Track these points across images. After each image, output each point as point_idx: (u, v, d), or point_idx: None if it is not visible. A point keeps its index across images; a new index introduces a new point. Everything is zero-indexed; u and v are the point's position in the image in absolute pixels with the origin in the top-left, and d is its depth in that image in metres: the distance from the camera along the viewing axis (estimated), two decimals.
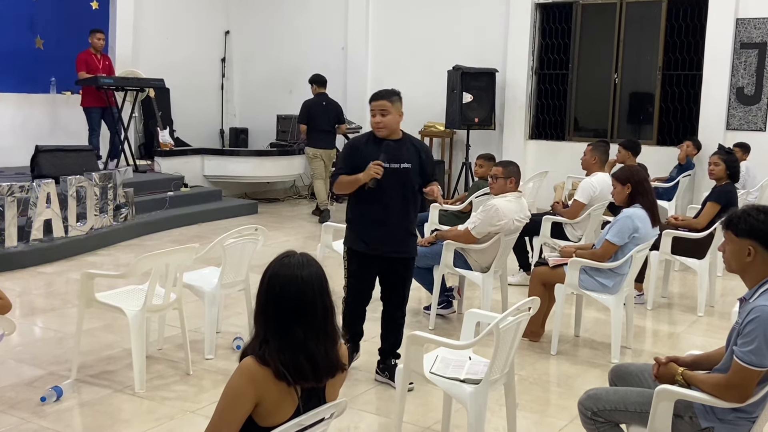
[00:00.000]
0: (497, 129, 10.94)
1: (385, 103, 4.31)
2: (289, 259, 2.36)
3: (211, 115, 12.96)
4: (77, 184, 7.68)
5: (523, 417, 4.02)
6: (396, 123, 4.36)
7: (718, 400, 2.82)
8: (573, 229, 6.62)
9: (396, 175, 4.33)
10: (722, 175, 6.36)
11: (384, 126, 4.33)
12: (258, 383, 2.26)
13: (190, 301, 5.11)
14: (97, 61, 9.78)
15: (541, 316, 5.24)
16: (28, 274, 6.81)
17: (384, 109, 4.30)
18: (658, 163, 9.46)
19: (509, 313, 3.31)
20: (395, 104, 4.33)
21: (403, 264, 4.47)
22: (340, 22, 12.19)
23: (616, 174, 5.18)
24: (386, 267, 4.45)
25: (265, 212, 10.54)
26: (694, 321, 6.02)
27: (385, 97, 4.33)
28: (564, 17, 10.83)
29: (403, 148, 4.38)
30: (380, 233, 4.38)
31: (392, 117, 4.32)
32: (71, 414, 4.03)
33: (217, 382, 4.42)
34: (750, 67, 9.57)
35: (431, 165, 4.52)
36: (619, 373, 3.32)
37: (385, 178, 4.29)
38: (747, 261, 2.86)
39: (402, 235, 4.43)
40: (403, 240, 4.44)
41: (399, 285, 4.51)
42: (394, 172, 4.32)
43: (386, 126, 4.33)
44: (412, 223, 4.51)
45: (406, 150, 4.39)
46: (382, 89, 4.44)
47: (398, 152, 4.34)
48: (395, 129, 4.38)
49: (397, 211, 4.38)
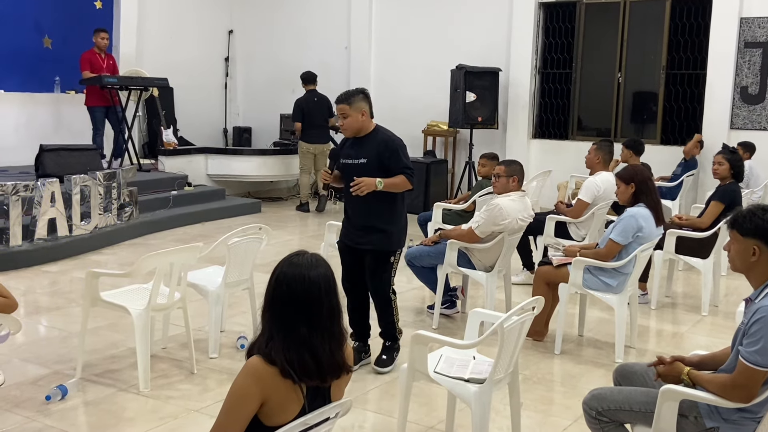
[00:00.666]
0: (500, 128, 10.93)
1: (344, 107, 4.52)
2: (298, 258, 2.39)
3: (214, 114, 12.97)
4: (81, 183, 7.70)
5: (527, 416, 4.02)
6: (358, 123, 4.53)
7: (723, 400, 2.82)
8: (577, 228, 6.61)
9: (353, 171, 4.55)
10: (726, 174, 6.35)
11: (346, 128, 4.56)
12: (264, 383, 2.27)
13: (195, 300, 5.12)
14: (101, 61, 9.79)
15: (544, 315, 5.24)
16: (32, 273, 6.83)
17: (343, 113, 4.51)
18: (662, 163, 9.44)
19: (513, 313, 3.31)
20: (354, 105, 4.49)
21: (370, 255, 4.64)
22: (343, 21, 12.19)
23: (620, 173, 5.18)
24: (357, 257, 4.69)
25: (268, 211, 10.55)
26: (698, 320, 6.01)
27: (344, 100, 4.51)
28: (567, 16, 10.82)
29: (364, 145, 4.56)
30: (346, 225, 4.76)
31: (352, 119, 4.51)
32: (76, 413, 4.04)
33: (222, 381, 4.43)
34: (754, 66, 9.55)
35: (392, 157, 4.52)
36: (623, 373, 3.32)
37: (346, 175, 4.62)
38: (752, 260, 2.86)
39: (363, 228, 4.60)
40: (364, 233, 4.60)
41: (369, 275, 4.68)
42: (352, 167, 4.57)
43: (348, 128, 4.55)
44: (380, 216, 4.56)
45: (367, 146, 4.55)
46: (344, 92, 4.60)
47: (357, 149, 4.58)
48: (359, 128, 4.55)
49: (356, 205, 4.59)
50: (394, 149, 4.54)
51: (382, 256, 4.63)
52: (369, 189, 4.41)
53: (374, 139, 4.56)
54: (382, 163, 4.51)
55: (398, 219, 4.66)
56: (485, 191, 6.89)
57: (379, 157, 4.50)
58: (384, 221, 4.58)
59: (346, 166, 4.63)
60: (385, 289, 4.69)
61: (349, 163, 4.60)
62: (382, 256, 4.63)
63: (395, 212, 4.63)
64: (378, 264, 4.64)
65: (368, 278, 4.69)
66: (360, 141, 4.58)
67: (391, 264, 4.67)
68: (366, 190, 4.41)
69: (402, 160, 4.54)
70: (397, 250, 4.69)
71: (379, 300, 4.72)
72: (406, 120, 11.51)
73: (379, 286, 4.68)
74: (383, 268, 4.65)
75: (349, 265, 4.75)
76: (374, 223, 4.56)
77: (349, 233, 4.70)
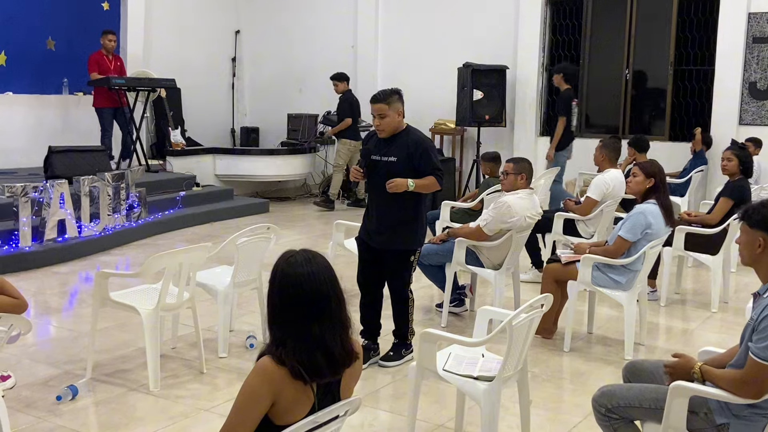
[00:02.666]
0: (508, 126, 10.91)
1: (382, 106, 4.51)
2: (294, 258, 2.38)
3: (222, 114, 13.00)
4: (90, 184, 7.73)
5: (536, 414, 4.02)
6: (395, 123, 4.55)
7: (733, 396, 2.81)
8: (585, 225, 6.60)
9: (383, 168, 4.55)
10: (735, 170, 6.33)
11: (383, 128, 4.57)
12: (274, 383, 2.28)
13: (203, 299, 5.13)
14: (108, 62, 9.84)
15: (553, 313, 5.23)
16: (42, 273, 6.86)
17: (382, 112, 4.51)
18: (671, 159, 9.40)
19: (522, 311, 3.31)
20: (392, 105, 4.51)
21: (390, 254, 4.64)
22: (349, 20, 12.19)
23: (644, 165, 5.14)
24: (376, 254, 4.68)
25: (276, 211, 10.56)
26: (708, 317, 5.99)
27: (383, 100, 4.51)
28: (575, 13, 10.79)
29: (394, 143, 4.56)
30: (367, 223, 4.74)
31: (390, 119, 4.52)
32: (86, 412, 4.06)
33: (231, 381, 4.44)
34: (763, 61, 9.50)
35: (423, 158, 4.54)
36: (633, 370, 3.31)
37: (373, 172, 4.61)
38: (758, 252, 2.88)
39: (383, 228, 4.61)
40: (386, 231, 4.60)
41: (388, 273, 4.70)
42: (381, 165, 4.56)
43: (385, 127, 4.56)
44: (403, 215, 4.57)
45: (398, 144, 4.55)
46: (380, 91, 4.59)
47: (387, 146, 4.57)
48: (395, 127, 4.56)
49: (381, 203, 4.60)
50: (425, 149, 4.57)
51: (403, 255, 4.65)
52: (401, 189, 4.45)
53: (405, 139, 4.57)
54: (411, 163, 4.53)
55: (420, 218, 4.69)
56: (493, 189, 6.88)
57: (409, 157, 4.52)
58: (406, 220, 4.60)
59: (375, 162, 4.61)
60: (405, 287, 4.72)
61: (378, 160, 4.60)
62: (403, 255, 4.65)
63: (418, 212, 4.65)
64: (398, 263, 4.66)
65: (388, 277, 4.71)
66: (390, 139, 4.59)
67: (411, 263, 4.69)
68: (399, 189, 4.44)
69: (432, 161, 4.57)
70: (417, 249, 4.72)
71: (397, 298, 4.74)
72: (413, 118, 11.35)
73: (399, 284, 4.70)
74: (404, 266, 4.67)
75: (366, 261, 4.76)
76: (397, 221, 4.58)
77: (370, 231, 4.70)
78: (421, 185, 4.51)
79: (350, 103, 10.58)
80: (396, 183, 4.45)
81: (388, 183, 4.45)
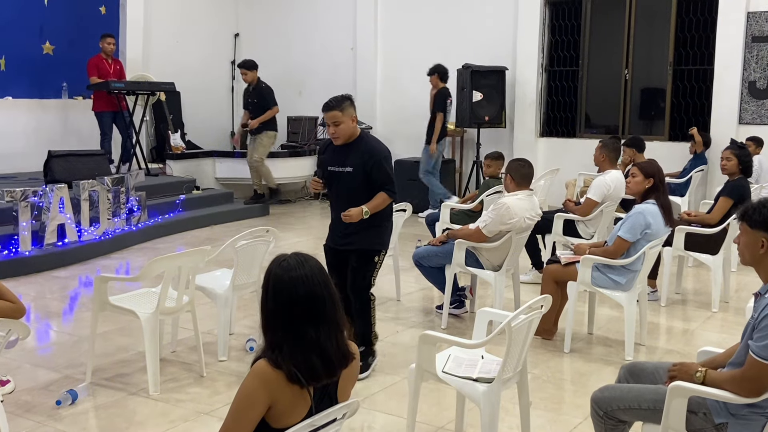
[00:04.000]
0: (508, 127, 10.91)
1: (336, 113, 4.43)
2: (287, 262, 2.37)
3: (221, 117, 13.01)
4: (90, 189, 7.73)
5: (536, 415, 4.01)
6: (350, 129, 4.50)
7: (732, 395, 2.80)
8: (585, 226, 6.59)
9: (340, 179, 4.54)
10: (735, 169, 6.32)
11: (339, 135, 4.49)
12: (271, 386, 2.27)
13: (203, 303, 5.13)
14: (108, 66, 9.85)
15: (553, 314, 5.22)
16: (42, 278, 6.86)
17: (336, 120, 4.44)
18: (670, 159, 9.40)
19: (521, 312, 3.30)
20: (346, 111, 4.45)
21: (355, 254, 4.60)
22: (348, 22, 12.20)
23: (643, 165, 5.14)
24: (343, 259, 4.64)
25: (276, 213, 10.56)
26: (709, 317, 5.98)
27: (336, 107, 4.43)
28: (573, 13, 10.79)
29: (350, 152, 4.51)
30: (331, 228, 4.73)
31: (345, 125, 4.47)
32: (86, 417, 4.05)
33: (231, 384, 4.44)
34: (762, 60, 9.50)
35: (375, 169, 4.47)
36: (633, 371, 3.30)
37: (332, 182, 4.62)
38: (760, 253, 2.87)
39: (349, 232, 4.56)
40: (349, 236, 4.57)
41: (351, 273, 4.63)
42: (338, 175, 4.55)
43: (341, 135, 4.49)
44: (367, 223, 4.47)
45: (353, 154, 4.50)
46: (332, 98, 4.50)
47: (343, 156, 4.53)
48: (351, 134, 4.51)
49: (343, 210, 4.49)
50: (377, 161, 4.49)
51: (366, 255, 4.59)
52: (357, 219, 4.40)
53: (360, 147, 4.51)
54: (366, 173, 4.49)
55: (385, 222, 4.64)
56: (493, 190, 6.88)
57: (363, 167, 4.48)
58: (372, 225, 4.52)
59: (332, 173, 4.58)
60: (367, 289, 4.63)
61: (336, 171, 4.56)
62: (366, 255, 4.59)
63: (383, 217, 4.59)
64: (361, 262, 4.59)
65: (350, 276, 4.61)
66: (345, 148, 4.53)
67: (374, 264, 4.61)
68: (355, 220, 4.40)
69: (384, 174, 4.49)
70: (381, 251, 4.64)
71: (357, 300, 4.63)
72: (412, 120, 11.52)
73: (361, 285, 4.61)
74: (366, 267, 4.60)
75: (332, 266, 4.66)
76: (362, 227, 4.50)
77: (336, 236, 4.67)
78: (374, 207, 4.45)
79: (271, 90, 10.05)
80: (351, 215, 4.39)
81: (344, 215, 4.40)
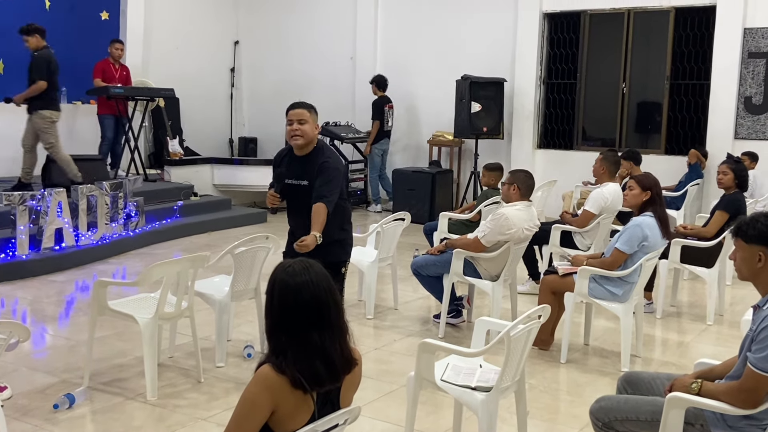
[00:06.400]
0: (505, 138, 10.96)
1: (303, 111, 4.37)
2: (292, 268, 2.38)
3: (220, 124, 13.03)
4: (88, 193, 7.74)
5: (533, 425, 4.03)
6: (312, 134, 4.38)
7: (729, 406, 2.83)
8: (582, 237, 6.62)
9: (297, 192, 4.42)
10: (731, 183, 6.37)
11: (302, 134, 4.34)
12: (274, 391, 2.28)
13: (201, 309, 5.14)
14: (114, 71, 9.90)
15: (550, 324, 5.24)
16: (39, 282, 6.85)
17: (302, 117, 4.34)
18: (666, 172, 9.43)
19: (519, 321, 3.32)
20: (312, 114, 4.40)
21: None
22: (348, 31, 12.25)
23: (640, 178, 5.17)
24: None
25: (274, 221, 10.55)
26: (704, 330, 6.01)
27: (304, 106, 4.40)
28: (572, 27, 10.85)
29: (306, 164, 4.40)
30: (289, 241, 4.54)
31: (309, 127, 4.36)
32: (84, 421, 4.06)
33: (229, 390, 4.45)
34: (758, 76, 9.57)
35: (321, 178, 4.31)
36: (630, 380, 3.32)
37: (289, 195, 4.49)
38: (758, 267, 2.88)
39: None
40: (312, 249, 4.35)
41: None
42: (295, 188, 4.43)
43: (304, 134, 4.34)
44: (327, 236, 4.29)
45: (309, 166, 4.39)
46: (299, 101, 4.47)
47: (300, 169, 4.42)
48: (312, 138, 4.39)
49: (301, 224, 4.38)
50: (325, 169, 4.34)
51: (333, 267, 4.28)
52: (313, 246, 4.18)
53: (314, 161, 4.39)
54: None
55: (346, 233, 4.56)
56: (491, 201, 6.91)
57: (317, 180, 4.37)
58: (333, 240, 4.39)
59: (289, 186, 4.45)
60: None
61: (292, 184, 4.44)
62: (333, 267, 4.28)
63: (337, 225, 4.46)
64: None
65: None
66: (301, 160, 4.42)
67: (342, 275, 4.52)
68: (310, 249, 4.16)
69: (324, 186, 4.32)
70: (346, 261, 4.55)
71: None
72: (411, 130, 11.57)
73: None
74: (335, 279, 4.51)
75: None
76: (324, 243, 4.27)
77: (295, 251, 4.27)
78: (320, 225, 4.24)
79: (48, 62, 8.09)
80: (307, 245, 4.16)
81: (297, 245, 4.18)
